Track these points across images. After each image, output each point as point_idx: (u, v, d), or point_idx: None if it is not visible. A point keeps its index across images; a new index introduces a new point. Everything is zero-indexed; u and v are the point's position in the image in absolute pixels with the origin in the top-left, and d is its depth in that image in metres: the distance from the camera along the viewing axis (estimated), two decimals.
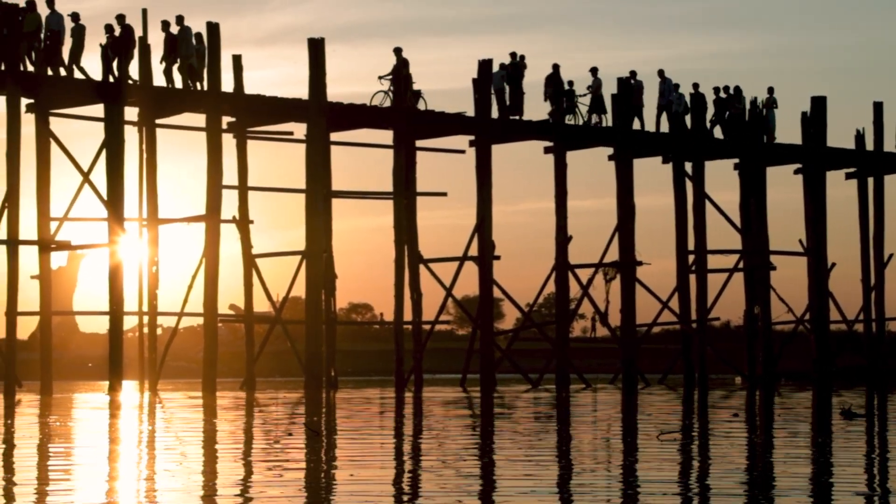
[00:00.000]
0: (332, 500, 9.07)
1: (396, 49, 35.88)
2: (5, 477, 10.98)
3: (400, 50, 35.85)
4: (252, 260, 35.50)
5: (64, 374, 42.39)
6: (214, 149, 33.60)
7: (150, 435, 16.58)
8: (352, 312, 79.94)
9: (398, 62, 35.85)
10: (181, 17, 32.94)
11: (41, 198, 32.11)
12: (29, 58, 31.04)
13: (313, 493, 9.47)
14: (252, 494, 9.40)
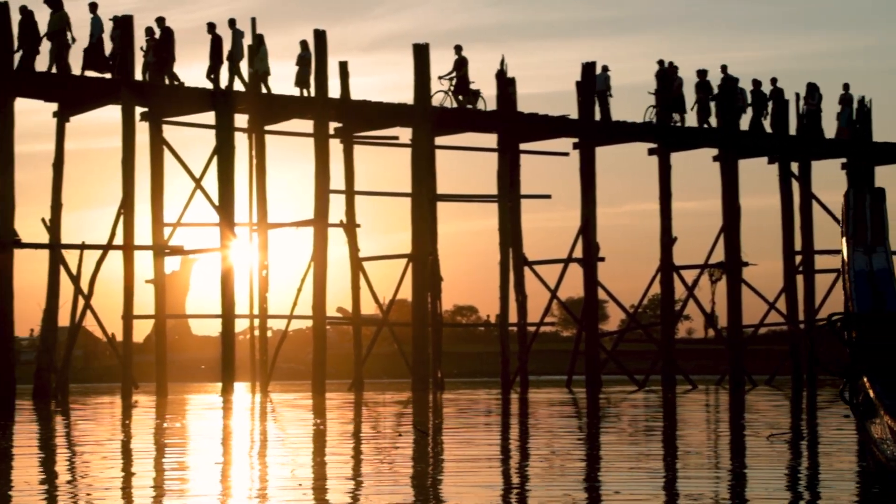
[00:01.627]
0: (440, 499, 9.27)
1: (457, 47, 35.86)
2: (123, 476, 11.37)
3: (460, 48, 35.85)
4: (359, 263, 35.94)
5: (177, 376, 43.20)
6: (322, 154, 34.08)
7: (262, 435, 16.97)
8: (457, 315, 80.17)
9: (457, 61, 35.81)
10: (233, 20, 33.17)
11: (155, 204, 32.86)
12: (58, 59, 30.59)
13: (422, 493, 9.67)
14: (362, 493, 9.64)
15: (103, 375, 51.49)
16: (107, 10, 32.75)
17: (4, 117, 29.77)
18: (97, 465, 12.35)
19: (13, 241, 29.76)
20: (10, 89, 29.86)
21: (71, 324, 31.68)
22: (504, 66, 36.62)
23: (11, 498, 9.57)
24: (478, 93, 35.95)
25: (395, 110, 35.25)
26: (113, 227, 31.68)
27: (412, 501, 9.07)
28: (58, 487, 10.33)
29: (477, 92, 35.95)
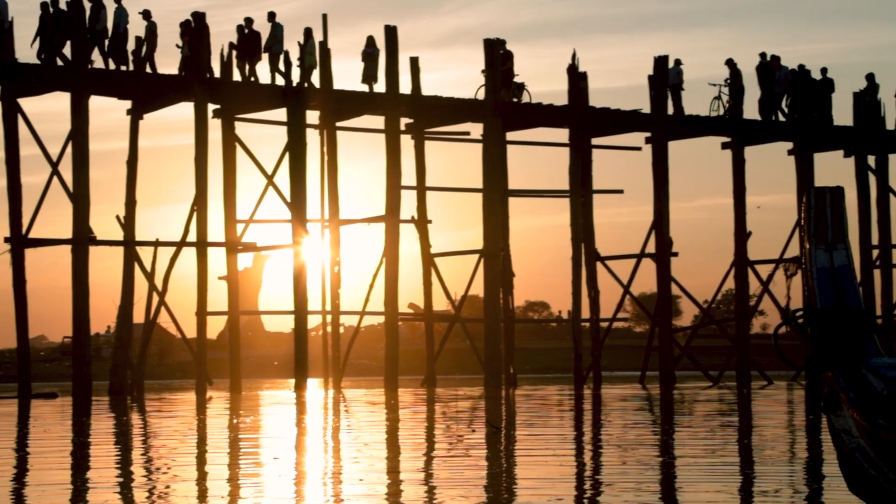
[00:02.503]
0: (514, 494, 9.22)
1: (500, 41, 35.65)
2: (198, 472, 11.41)
3: (503, 42, 35.64)
4: (431, 259, 35.95)
5: (251, 372, 43.51)
6: (393, 150, 34.12)
7: (335, 431, 16.99)
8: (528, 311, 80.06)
9: (501, 55, 35.58)
10: (273, 13, 32.90)
11: (228, 201, 33.06)
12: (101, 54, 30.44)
13: (495, 489, 9.62)
14: (435, 488, 9.61)
15: (177, 372, 52.00)
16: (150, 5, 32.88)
17: (79, 115, 30.09)
18: (172, 460, 12.41)
19: (89, 239, 30.08)
20: (84, 87, 30.16)
21: (146, 320, 31.97)
22: (576, 61, 36.46)
23: (88, 491, 9.62)
24: (522, 86, 35.74)
25: (467, 106, 35.20)
26: (186, 223, 31.93)
27: (484, 498, 9.00)
28: (133, 482, 10.38)
29: (521, 85, 35.75)
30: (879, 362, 5.94)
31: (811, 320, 6.08)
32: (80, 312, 29.82)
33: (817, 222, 6.17)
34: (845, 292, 6.07)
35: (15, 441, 16.05)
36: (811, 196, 6.17)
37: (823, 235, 6.18)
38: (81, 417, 21.23)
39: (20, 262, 30.06)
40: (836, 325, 5.99)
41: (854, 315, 6.04)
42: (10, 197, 30.29)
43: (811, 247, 6.21)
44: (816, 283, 6.17)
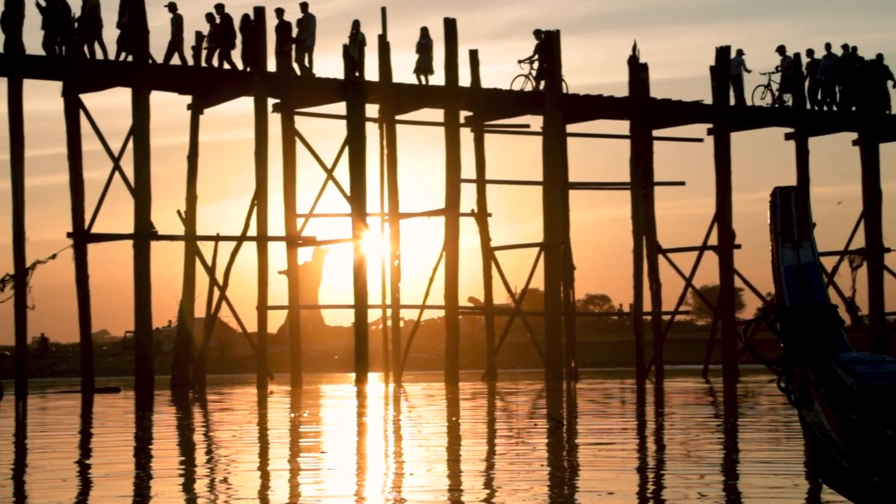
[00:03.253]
0: (574, 488, 9.12)
1: (536, 31, 35.34)
2: (259, 465, 11.40)
3: (540, 32, 35.31)
4: (491, 252, 35.86)
5: (311, 367, 43.58)
6: (453, 143, 34.05)
7: (395, 425, 16.95)
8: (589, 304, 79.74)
9: (539, 45, 35.30)
10: (305, 4, 32.52)
11: (288, 195, 33.13)
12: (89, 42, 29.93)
13: (556, 483, 9.53)
14: (496, 482, 9.53)
15: (238, 366, 52.25)
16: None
17: (140, 110, 30.25)
18: (233, 454, 12.41)
19: (150, 234, 30.24)
20: (146, 82, 30.31)
21: (207, 315, 32.11)
22: (636, 52, 36.21)
23: (152, 483, 9.63)
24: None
25: (526, 98, 35.06)
26: (247, 218, 32.02)
27: (546, 492, 8.90)
28: (195, 474, 10.38)
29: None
30: (847, 357, 6.08)
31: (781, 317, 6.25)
32: (142, 307, 29.99)
33: (783, 221, 6.33)
34: (812, 289, 6.23)
35: (79, 434, 16.14)
36: (777, 196, 6.33)
37: (790, 234, 6.33)
38: (144, 411, 21.34)
39: (83, 257, 30.28)
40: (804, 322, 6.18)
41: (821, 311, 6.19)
42: (73, 192, 30.51)
43: (778, 245, 6.34)
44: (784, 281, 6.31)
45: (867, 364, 6.11)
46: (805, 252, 6.41)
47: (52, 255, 30.74)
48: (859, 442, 5.91)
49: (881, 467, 5.84)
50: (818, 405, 6.16)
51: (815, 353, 6.23)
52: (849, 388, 6.03)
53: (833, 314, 6.28)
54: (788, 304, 6.29)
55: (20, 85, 29.22)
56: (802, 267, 6.40)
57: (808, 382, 6.22)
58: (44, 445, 14.26)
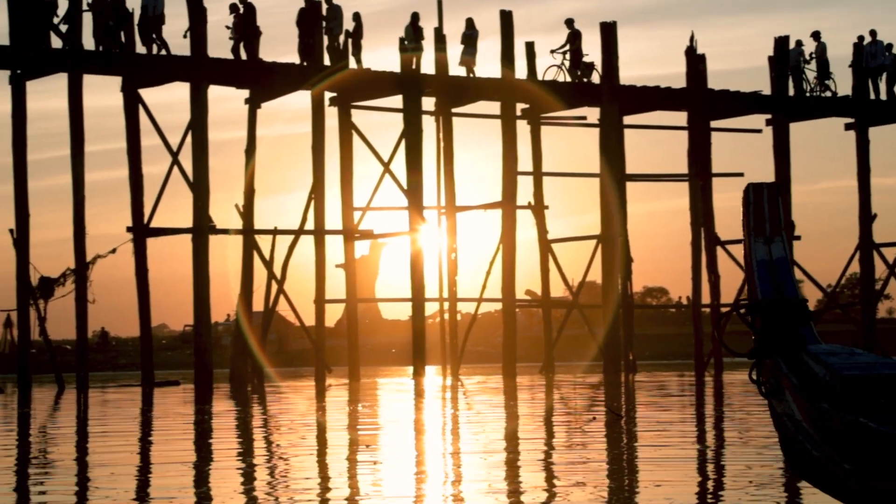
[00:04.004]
0: (635, 481, 9.07)
1: (568, 21, 35.03)
2: (318, 458, 11.43)
3: (571, 21, 35.03)
4: (548, 245, 35.76)
5: (368, 360, 43.71)
6: (509, 136, 33.98)
7: (453, 419, 16.94)
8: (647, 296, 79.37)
9: (571, 34, 35.04)
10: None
11: (345, 189, 33.20)
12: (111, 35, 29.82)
13: (616, 476, 9.48)
14: (555, 474, 9.49)
15: (296, 359, 52.48)
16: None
17: (198, 105, 30.41)
18: (292, 446, 12.44)
19: (209, 227, 30.41)
20: (203, 77, 30.47)
21: (265, 308, 32.25)
22: (694, 43, 35.95)
23: (210, 474, 9.68)
24: (591, 66, 35.03)
25: (583, 90, 34.91)
26: (304, 212, 32.13)
27: (605, 485, 8.85)
28: (254, 467, 10.42)
29: (591, 65, 35.03)
30: (818, 349, 6.30)
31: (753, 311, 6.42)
32: (201, 301, 30.17)
33: (756, 217, 6.49)
34: (783, 283, 6.42)
35: (139, 427, 16.26)
36: (750, 192, 6.49)
37: (762, 229, 6.50)
38: (203, 404, 21.46)
39: (142, 251, 30.49)
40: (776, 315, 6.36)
41: (792, 305, 6.38)
42: (132, 187, 30.74)
43: (751, 240, 6.52)
44: (756, 276, 6.50)
45: (838, 356, 6.29)
46: (777, 247, 6.55)
47: (112, 249, 31.01)
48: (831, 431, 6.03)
49: (852, 455, 5.96)
50: (789, 396, 6.31)
51: (786, 345, 6.38)
52: (820, 379, 6.18)
53: (803, 308, 6.44)
54: (760, 298, 6.44)
55: (80, 80, 29.46)
56: (774, 262, 6.54)
57: (780, 374, 6.37)
58: (105, 439, 14.37)
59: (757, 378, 6.56)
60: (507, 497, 8.21)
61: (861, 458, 5.92)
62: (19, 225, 29.34)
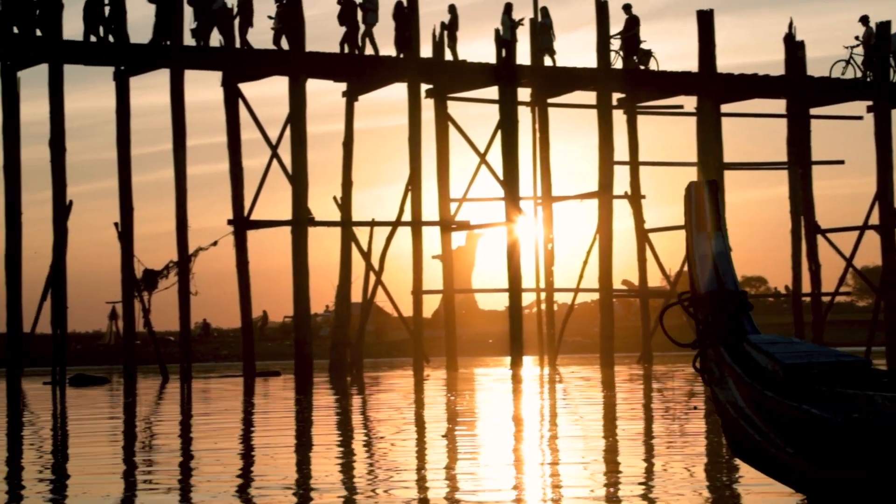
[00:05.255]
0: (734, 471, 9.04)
1: (626, 6, 34.55)
2: (417, 447, 11.53)
3: (629, 7, 34.56)
4: (645, 235, 35.60)
5: (466, 350, 43.82)
6: (605, 126, 33.87)
7: (552, 409, 16.97)
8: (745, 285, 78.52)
9: (628, 20, 34.58)
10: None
11: (441, 180, 33.34)
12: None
13: (715, 468, 9.46)
14: (654, 466, 9.49)
15: (393, 350, 52.77)
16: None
17: (297, 98, 30.72)
18: (392, 436, 12.56)
19: (307, 220, 30.72)
20: (302, 70, 30.76)
21: (363, 299, 32.50)
22: (792, 30, 35.54)
23: (311, 466, 9.81)
24: (649, 52, 34.57)
25: (680, 78, 34.69)
26: (401, 203, 32.32)
27: (704, 478, 8.84)
28: (354, 456, 10.55)
29: (648, 52, 34.57)
30: (759, 339, 6.59)
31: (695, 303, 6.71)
32: (301, 292, 30.49)
33: (698, 213, 6.72)
34: (724, 276, 6.69)
35: (241, 416, 16.51)
36: (692, 189, 6.73)
37: (703, 224, 6.73)
38: (303, 394, 21.72)
39: (243, 243, 30.88)
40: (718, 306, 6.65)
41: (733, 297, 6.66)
42: (233, 180, 31.13)
43: (693, 235, 6.75)
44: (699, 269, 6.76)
45: (779, 345, 6.56)
46: (717, 242, 6.78)
47: (214, 242, 31.46)
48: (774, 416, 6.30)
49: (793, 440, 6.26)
50: (732, 384, 6.57)
51: (728, 335, 6.65)
52: (763, 368, 6.45)
53: (743, 299, 6.71)
54: (703, 290, 6.70)
55: (181, 76, 29.90)
56: (715, 255, 6.78)
57: (723, 363, 6.64)
58: (208, 427, 14.63)
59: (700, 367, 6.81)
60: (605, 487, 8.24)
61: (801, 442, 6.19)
62: (124, 219, 29.87)
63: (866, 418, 6.00)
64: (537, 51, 33.38)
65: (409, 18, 31.96)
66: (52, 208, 28.83)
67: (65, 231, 28.75)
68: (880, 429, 5.97)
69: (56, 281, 28.60)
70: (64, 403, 21.04)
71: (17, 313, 28.71)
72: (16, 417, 17.45)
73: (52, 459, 11.18)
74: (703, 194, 6.77)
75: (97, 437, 13.55)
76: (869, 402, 6.03)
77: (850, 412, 6.05)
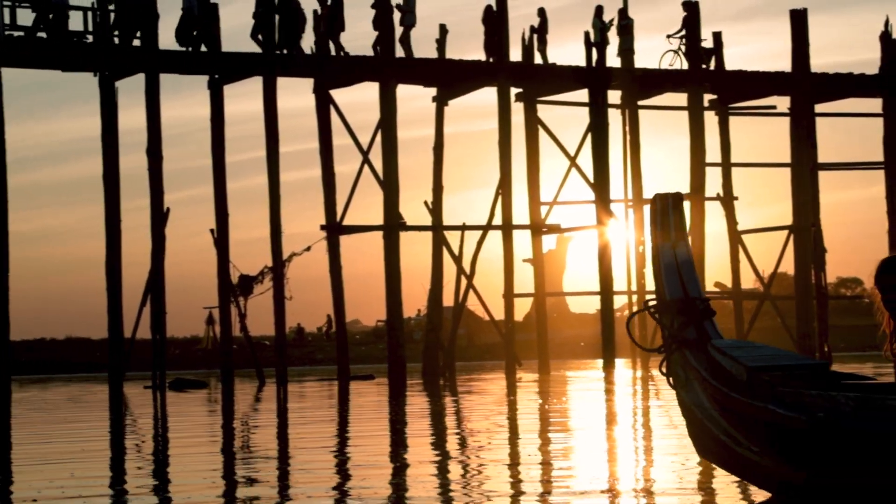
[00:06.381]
0: None
1: (685, 3, 34.14)
2: (510, 451, 11.60)
3: (695, 4, 34.12)
4: (738, 236, 35.36)
5: (558, 353, 43.79)
6: (697, 127, 33.71)
7: (644, 412, 16.95)
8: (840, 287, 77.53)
9: (688, 17, 34.15)
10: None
11: (531, 183, 33.40)
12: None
13: None
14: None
15: (485, 353, 52.85)
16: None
17: (387, 104, 30.94)
18: (485, 440, 12.65)
19: (399, 224, 30.93)
20: (392, 76, 30.98)
21: (455, 303, 32.64)
22: (889, 28, 35.07)
23: (407, 470, 9.93)
24: (711, 52, 34.07)
25: (772, 79, 34.42)
26: (491, 207, 32.42)
27: None
28: (448, 459, 10.65)
29: (710, 51, 34.09)
30: (722, 343, 6.85)
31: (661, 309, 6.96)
32: (394, 296, 30.70)
33: (662, 224, 7.08)
34: (688, 283, 6.98)
35: (337, 420, 16.71)
36: (657, 201, 7.11)
37: (668, 235, 7.07)
38: (397, 398, 21.89)
39: (335, 248, 31.15)
40: (682, 312, 6.91)
41: (696, 303, 6.95)
42: (325, 186, 31.40)
43: (658, 245, 7.09)
44: (664, 276, 7.05)
45: (742, 349, 6.82)
46: (681, 251, 7.09)
47: (307, 247, 31.82)
48: (739, 417, 6.55)
49: (759, 439, 6.50)
50: (698, 386, 6.84)
51: (693, 339, 6.90)
52: (727, 370, 6.69)
53: (706, 305, 7.00)
54: (668, 297, 6.97)
55: (274, 83, 30.27)
56: (679, 264, 7.08)
57: (689, 366, 6.89)
58: (304, 429, 14.84)
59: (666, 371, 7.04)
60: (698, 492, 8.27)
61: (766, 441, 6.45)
62: (219, 225, 30.29)
63: (830, 418, 6.20)
64: (625, 52, 33.30)
65: (499, 22, 32.07)
66: (149, 215, 29.33)
67: (163, 238, 29.23)
68: (844, 428, 6.18)
69: (155, 287, 29.09)
70: (164, 407, 21.42)
71: (118, 319, 29.25)
72: (118, 421, 17.82)
73: (154, 461, 11.43)
74: (667, 206, 7.09)
75: (198, 440, 13.81)
76: (832, 402, 6.22)
77: (815, 412, 6.24)
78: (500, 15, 32.14)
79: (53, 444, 13.66)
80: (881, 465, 6.14)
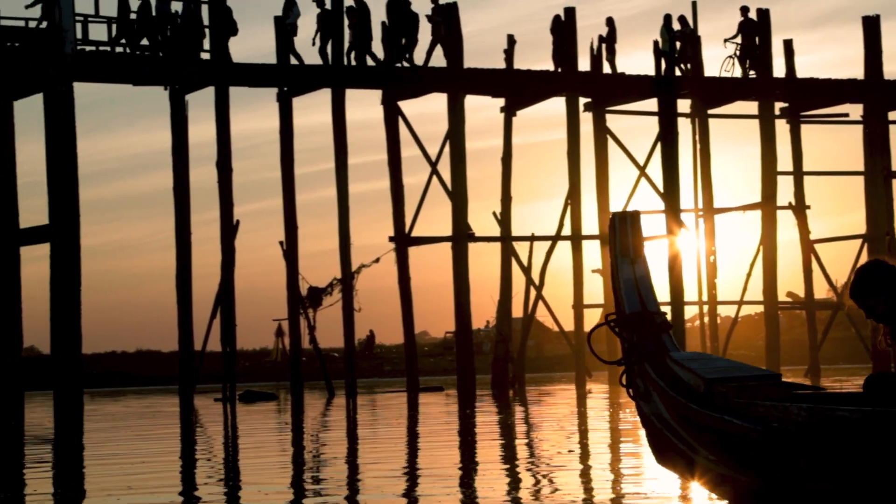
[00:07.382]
0: None
1: (743, 8, 33.60)
2: (581, 463, 11.53)
3: (746, 9, 33.58)
4: (810, 246, 34.98)
5: None
6: (768, 135, 33.41)
7: None
8: None
9: (743, 23, 33.55)
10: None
11: (600, 193, 33.25)
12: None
13: None
14: None
15: (555, 365, 52.68)
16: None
17: (455, 115, 30.94)
18: (555, 452, 12.58)
19: (467, 235, 30.90)
20: (460, 87, 30.98)
21: (524, 314, 32.53)
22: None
23: (476, 479, 9.89)
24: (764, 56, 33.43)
25: (845, 86, 34.04)
26: (560, 217, 32.31)
27: None
28: (518, 471, 10.59)
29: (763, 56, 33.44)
30: (680, 356, 7.11)
31: (620, 323, 7.26)
32: (463, 308, 30.67)
33: (622, 241, 7.36)
34: (646, 298, 7.26)
35: (407, 430, 16.69)
36: (615, 220, 7.41)
37: (627, 251, 7.36)
38: (467, 410, 21.84)
39: (404, 260, 31.17)
40: (641, 326, 7.19)
41: (654, 317, 7.21)
42: (394, 197, 31.43)
43: (617, 262, 7.36)
44: (623, 292, 7.33)
45: (699, 361, 7.09)
46: (639, 267, 7.37)
47: (376, 258, 31.88)
48: (697, 427, 6.84)
49: (715, 448, 6.79)
50: (657, 397, 7.09)
51: (651, 352, 7.16)
52: (685, 382, 6.95)
53: (663, 319, 7.28)
54: (627, 312, 7.24)
55: (342, 95, 30.37)
56: (637, 279, 7.35)
57: (648, 377, 7.15)
58: (374, 441, 14.84)
59: (627, 383, 7.30)
60: None
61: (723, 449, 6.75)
62: (288, 237, 30.43)
63: (784, 427, 6.51)
64: (692, 60, 33.05)
65: (568, 32, 31.98)
66: (219, 228, 29.51)
67: (232, 250, 29.40)
68: (796, 437, 6.49)
69: (225, 299, 29.26)
70: (235, 419, 21.51)
71: (189, 331, 29.46)
72: (189, 433, 17.92)
73: (225, 472, 11.46)
74: (625, 224, 7.40)
75: (268, 451, 13.84)
76: (786, 412, 6.51)
77: (769, 422, 6.54)
78: (569, 24, 32.06)
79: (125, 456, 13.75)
80: (830, 472, 6.42)
